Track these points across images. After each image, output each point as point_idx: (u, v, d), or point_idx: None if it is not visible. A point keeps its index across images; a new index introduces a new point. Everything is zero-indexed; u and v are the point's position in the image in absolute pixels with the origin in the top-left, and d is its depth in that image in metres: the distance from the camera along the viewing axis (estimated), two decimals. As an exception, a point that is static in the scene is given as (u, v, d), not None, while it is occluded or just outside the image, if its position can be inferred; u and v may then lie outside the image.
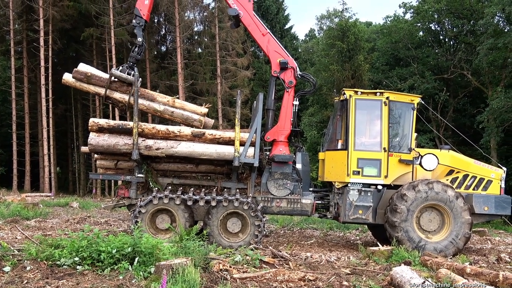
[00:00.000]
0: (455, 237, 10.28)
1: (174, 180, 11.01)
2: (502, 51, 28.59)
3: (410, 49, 33.52)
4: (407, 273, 6.33)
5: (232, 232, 10.41)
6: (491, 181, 11.16)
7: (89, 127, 10.24)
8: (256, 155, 10.35)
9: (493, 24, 29.08)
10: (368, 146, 11.02)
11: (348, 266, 8.35)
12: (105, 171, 11.25)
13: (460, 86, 32.79)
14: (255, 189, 11.05)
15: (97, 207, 20.82)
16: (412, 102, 11.13)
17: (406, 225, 10.22)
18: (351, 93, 10.99)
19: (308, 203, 11.12)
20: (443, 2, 31.30)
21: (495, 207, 10.83)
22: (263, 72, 42.33)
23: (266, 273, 7.11)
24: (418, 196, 10.23)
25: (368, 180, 10.76)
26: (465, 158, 11.63)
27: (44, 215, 15.94)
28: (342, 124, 11.31)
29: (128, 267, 6.75)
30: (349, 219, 10.81)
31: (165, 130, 10.29)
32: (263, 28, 11.77)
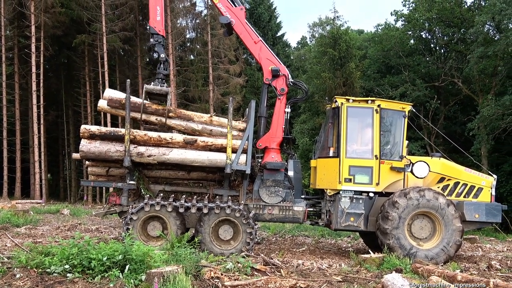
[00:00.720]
0: (446, 244, 10.28)
1: (165, 187, 10.97)
2: (492, 59, 28.87)
3: (401, 57, 33.73)
4: (398, 280, 6.34)
5: (224, 239, 10.34)
6: (481, 188, 11.17)
7: (81, 134, 10.16)
8: (248, 162, 10.34)
9: (483, 33, 29.36)
10: (359, 153, 11.02)
11: (339, 274, 8.34)
12: (96, 178, 11.18)
13: (451, 94, 33.02)
14: (247, 196, 11.01)
15: (88, 214, 20.71)
16: (403, 110, 11.14)
17: (398, 232, 10.22)
18: (343, 100, 10.99)
19: (300, 210, 11.12)
20: (434, 11, 31.58)
21: (485, 214, 10.83)
22: (255, 79, 42.40)
23: (257, 280, 7.08)
24: (410, 204, 10.23)
25: (360, 188, 10.74)
26: (456, 165, 11.66)
27: (34, 222, 15.81)
28: (334, 131, 11.32)
29: (118, 275, 6.70)
30: (341, 226, 10.77)
31: (157, 137, 10.25)
32: (255, 36, 11.80)
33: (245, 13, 11.85)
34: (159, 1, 11.34)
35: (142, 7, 36.02)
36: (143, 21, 38.88)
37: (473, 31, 29.27)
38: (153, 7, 11.35)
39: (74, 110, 40.08)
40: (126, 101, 10.40)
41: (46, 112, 35.66)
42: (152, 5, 11.35)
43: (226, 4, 11.64)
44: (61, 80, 40.82)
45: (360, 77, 33.68)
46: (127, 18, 34.39)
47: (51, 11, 33.06)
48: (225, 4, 11.63)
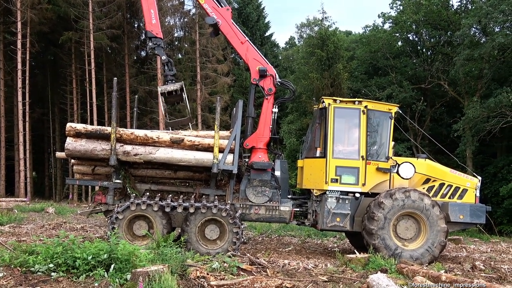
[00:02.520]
0: (431, 245, 10.36)
1: (152, 186, 10.92)
2: (478, 62, 29.17)
3: (389, 59, 33.94)
4: (383, 280, 6.38)
5: (210, 239, 10.31)
6: (466, 190, 11.25)
7: (66, 132, 10.06)
8: (235, 162, 10.34)
9: (469, 35, 29.64)
10: (346, 154, 11.04)
11: (325, 274, 8.36)
12: (82, 177, 11.11)
13: (437, 96, 33.31)
14: (233, 196, 11.00)
15: (73, 213, 20.55)
16: (390, 111, 11.21)
17: (383, 232, 10.28)
18: (330, 101, 11.02)
19: (286, 210, 11.13)
20: (421, 13, 31.82)
21: (470, 215, 10.91)
22: (243, 79, 42.38)
23: (243, 280, 7.08)
24: (395, 204, 10.28)
25: (346, 188, 10.77)
26: (441, 167, 11.73)
27: (19, 220, 15.67)
28: (321, 132, 11.35)
29: (104, 274, 6.65)
30: (327, 226, 10.80)
31: (144, 136, 10.19)
32: (241, 36, 11.78)
33: (231, 13, 11.83)
34: (152, 4, 11.31)
35: (130, 4, 35.83)
36: (131, 19, 38.70)
37: (459, 33, 29.55)
38: (147, 11, 11.35)
39: (60, 108, 39.73)
40: (113, 99, 10.34)
41: (31, 110, 35.26)
42: (146, 9, 11.34)
43: (212, 5, 11.63)
44: (47, 77, 40.48)
45: (348, 78, 33.84)
46: (114, 16, 34.17)
47: (37, 8, 32.69)
48: (211, 5, 11.62)
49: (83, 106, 36.05)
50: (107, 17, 33.72)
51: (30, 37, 33.12)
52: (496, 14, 27.04)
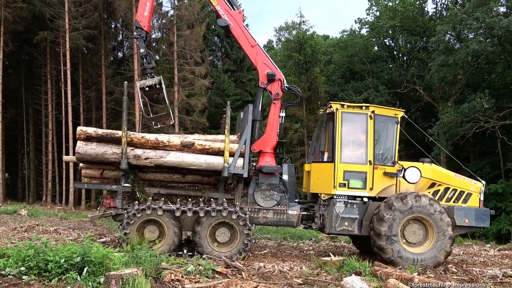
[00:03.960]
0: (437, 250, 10.49)
1: (161, 190, 10.91)
2: (452, 67, 29.69)
3: (365, 63, 34.30)
4: (357, 283, 6.44)
5: (221, 242, 10.41)
6: (470, 194, 11.42)
7: (77, 136, 10.04)
8: (245, 166, 10.42)
9: (444, 42, 30.16)
10: (354, 158, 11.10)
11: (300, 276, 8.41)
12: (90, 180, 11.10)
13: (413, 101, 33.78)
14: (242, 200, 11.06)
15: (47, 215, 20.24)
16: (396, 116, 11.39)
17: (391, 234, 10.37)
18: (338, 106, 11.11)
19: (294, 214, 11.20)
20: (397, 19, 32.24)
21: (475, 219, 11.07)
22: (221, 82, 42.36)
23: (218, 283, 7.08)
24: (406, 208, 10.39)
25: (354, 192, 10.89)
26: (446, 171, 11.96)
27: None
28: (327, 136, 11.46)
29: (76, 277, 6.58)
30: (335, 230, 10.92)
31: (154, 140, 10.20)
32: (252, 40, 11.82)
33: (243, 16, 11.87)
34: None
35: (107, 5, 35.43)
36: (108, 19, 38.30)
37: (434, 39, 30.07)
38: (143, 2, 11.36)
39: (35, 108, 39.04)
40: (124, 103, 10.38)
41: (4, 110, 34.58)
42: (143, 1, 11.25)
43: (225, 7, 11.64)
44: (21, 77, 39.76)
45: (325, 82, 34.09)
46: (91, 16, 33.73)
47: (12, 6, 32.06)
48: (223, 7, 11.62)
49: (58, 107, 35.49)
50: (83, 17, 33.27)
51: (4, 36, 32.49)
52: (470, 21, 27.56)
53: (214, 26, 45.91)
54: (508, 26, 25.86)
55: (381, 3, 34.68)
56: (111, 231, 15.78)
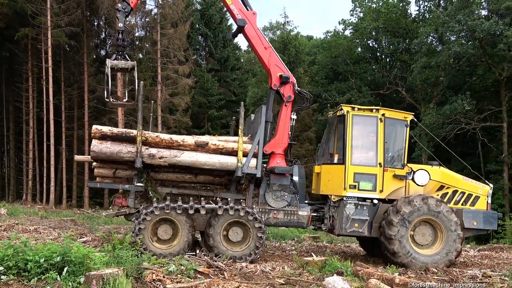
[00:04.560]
0: (448, 251, 10.61)
1: (173, 189, 10.90)
2: (435, 69, 29.99)
3: (349, 64, 34.47)
4: (338, 283, 6.46)
5: (234, 241, 10.49)
6: (478, 197, 11.55)
7: (92, 134, 9.99)
8: (258, 166, 10.47)
9: (426, 44, 30.47)
10: (364, 161, 11.16)
11: (282, 276, 8.41)
12: (102, 180, 11.06)
13: (395, 102, 34.03)
14: (252, 200, 11.08)
15: (27, 214, 20.00)
16: (406, 119, 11.45)
17: (402, 238, 10.46)
18: (349, 109, 11.18)
19: (304, 215, 11.25)
20: (380, 21, 32.47)
21: (483, 222, 11.23)
22: (204, 81, 42.22)
23: (200, 283, 7.05)
24: (414, 211, 10.50)
25: (364, 194, 10.97)
26: (455, 174, 12.04)
27: (-32, 221, 15.14)
28: (337, 139, 11.57)
29: (56, 277, 6.51)
30: (346, 232, 11.00)
31: (169, 139, 10.19)
32: (265, 42, 11.81)
33: (256, 17, 11.74)
34: None
35: (90, 2, 35.11)
36: (91, 16, 37.91)
37: (417, 41, 30.37)
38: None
39: (15, 106, 38.52)
40: (138, 102, 10.29)
41: (-16, 107, 34.17)
42: None
43: (239, 6, 11.54)
44: (1, 74, 39.21)
45: (309, 82, 34.17)
46: (73, 13, 33.36)
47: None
48: (237, 6, 11.52)
49: (39, 105, 35.05)
50: (66, 14, 32.90)
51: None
52: (452, 24, 27.90)
53: (198, 25, 45.81)
54: (489, 29, 26.23)
55: (365, 4, 34.91)
56: (92, 230, 15.65)
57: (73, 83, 37.26)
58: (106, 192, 37.05)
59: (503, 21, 26.86)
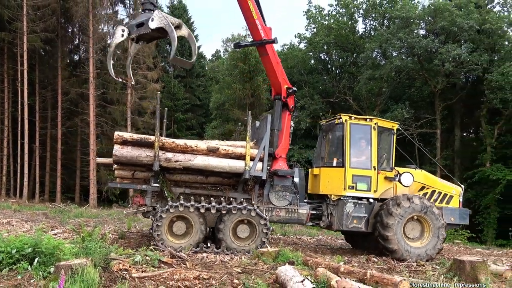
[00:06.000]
0: (435, 241, 11.00)
1: (186, 190, 10.87)
2: (378, 81, 30.63)
3: (303, 74, 34.75)
4: (289, 272, 6.50)
5: (241, 237, 10.59)
6: (452, 196, 11.99)
7: (114, 140, 9.99)
8: (264, 169, 10.55)
9: (371, 58, 31.09)
10: (360, 164, 11.39)
11: (239, 266, 8.40)
12: (122, 180, 11.04)
13: (343, 109, 34.46)
14: (258, 200, 11.13)
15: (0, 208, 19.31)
16: (393, 128, 11.80)
17: (397, 237, 10.77)
18: (347, 117, 11.42)
19: (304, 213, 11.39)
20: (331, 36, 32.88)
21: (459, 218, 11.77)
22: (171, 86, 41.84)
23: (163, 272, 6.97)
24: (403, 211, 10.82)
25: (361, 194, 11.24)
26: (433, 176, 12.49)
27: None
28: (334, 144, 11.83)
29: (27, 267, 6.29)
30: (347, 227, 11.24)
31: (183, 145, 10.24)
32: (277, 57, 11.80)
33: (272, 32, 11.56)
34: None
35: (65, 10, 34.27)
36: (65, 24, 36.99)
37: (363, 56, 30.97)
38: None
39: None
40: (156, 111, 10.20)
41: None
42: None
43: (261, 22, 11.32)
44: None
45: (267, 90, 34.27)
46: (49, 20, 32.46)
47: (-30, 7, 30.45)
48: (260, 22, 11.29)
49: (14, 105, 33.91)
50: (41, 21, 31.98)
51: (-39, 35, 30.78)
52: (394, 41, 28.58)
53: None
54: (426, 46, 27.02)
55: (318, 21, 35.29)
56: (63, 223, 15.26)
57: (47, 85, 36.21)
58: (77, 188, 36.31)
59: (438, 39, 27.72)
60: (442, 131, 30.65)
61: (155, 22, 9.82)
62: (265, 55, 11.52)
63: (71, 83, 35.00)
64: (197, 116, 44.99)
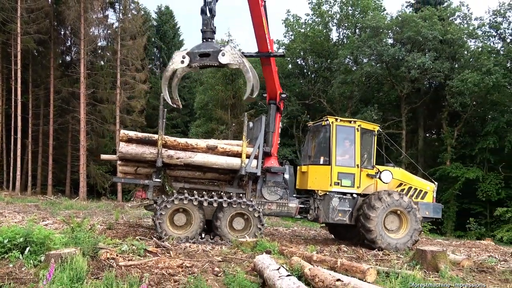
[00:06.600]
0: (412, 233, 11.17)
1: (185, 184, 10.79)
2: (350, 85, 30.86)
3: (281, 78, 34.66)
4: (266, 260, 6.50)
5: (237, 229, 10.61)
6: (426, 192, 12.17)
7: (120, 138, 9.90)
8: (258, 166, 10.55)
9: (344, 64, 31.29)
10: (345, 162, 11.49)
11: (220, 255, 8.40)
12: (125, 176, 10.94)
13: (318, 111, 34.68)
14: (251, 194, 11.14)
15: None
16: (374, 129, 11.94)
17: (378, 228, 10.91)
18: (333, 120, 11.56)
19: (293, 206, 11.49)
20: (307, 43, 33.01)
21: (433, 212, 12.03)
22: (158, 87, 41.41)
23: (149, 261, 6.91)
24: (384, 205, 10.96)
25: (345, 190, 11.36)
26: (409, 174, 12.64)
27: None
28: (322, 144, 11.91)
29: (19, 256, 6.18)
30: (333, 220, 11.33)
31: (184, 143, 10.17)
32: (276, 66, 11.95)
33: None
34: None
35: (57, 13, 33.64)
36: (58, 26, 36.31)
37: (336, 62, 31.14)
38: None
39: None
40: (160, 111, 10.14)
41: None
42: None
43: (269, 36, 11.24)
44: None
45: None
46: (42, 22, 31.84)
47: (-35, 8, 29.63)
48: (268, 36, 11.22)
49: (8, 102, 33.15)
50: (34, 23, 31.34)
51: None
52: (365, 48, 28.83)
53: (154, 38, 44.91)
54: (394, 54, 27.33)
55: (295, 29, 35.38)
56: (53, 215, 15.00)
57: (40, 84, 35.48)
58: (68, 181, 35.74)
59: (405, 48, 28.07)
60: (407, 132, 31.07)
61: (226, 58, 9.89)
62: (267, 65, 11.70)
63: (62, 83, 34.42)
64: (182, 115, 44.69)
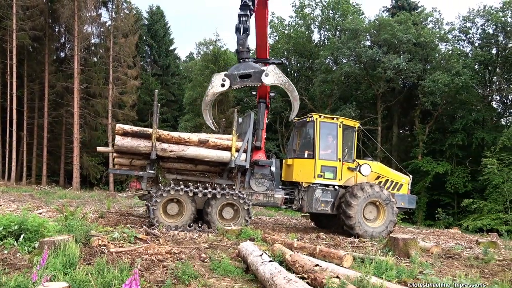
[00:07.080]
0: (388, 223, 11.35)
1: (177, 176, 10.74)
2: (330, 84, 31.00)
3: (266, 76, 34.70)
4: (250, 247, 6.52)
5: (226, 218, 10.57)
6: (402, 184, 12.35)
7: (116, 131, 9.82)
8: (247, 159, 10.56)
9: (324, 64, 31.40)
10: (328, 156, 11.55)
11: (206, 242, 8.38)
12: (120, 167, 10.81)
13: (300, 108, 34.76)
14: (240, 186, 11.10)
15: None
16: (355, 126, 12.03)
17: (358, 216, 11.06)
18: (317, 116, 11.66)
19: (279, 197, 11.51)
20: (291, 44, 33.07)
21: (408, 203, 12.22)
22: (149, 83, 41.09)
23: (139, 247, 6.87)
24: (365, 195, 11.11)
25: (328, 182, 11.45)
26: (387, 167, 12.73)
27: None
28: (306, 139, 11.96)
29: (13, 243, 6.07)
30: (316, 210, 11.45)
31: (177, 137, 10.12)
32: None
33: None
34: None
35: (52, 11, 32.98)
36: (53, 23, 35.61)
37: (318, 62, 31.23)
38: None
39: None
40: (154, 106, 10.08)
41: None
42: None
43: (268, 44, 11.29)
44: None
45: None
46: (37, 19, 31.19)
47: (-38, 5, 28.85)
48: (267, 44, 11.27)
49: (3, 96, 32.48)
50: (30, 20, 30.68)
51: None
52: (344, 50, 28.97)
53: (145, 37, 44.39)
54: (371, 55, 27.53)
55: (280, 30, 35.36)
56: (47, 204, 14.79)
57: (35, 78, 34.81)
58: (62, 172, 35.25)
59: (382, 50, 28.30)
60: (383, 128, 31.42)
61: (270, 79, 9.95)
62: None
63: (57, 78, 33.82)
64: (172, 110, 44.38)
